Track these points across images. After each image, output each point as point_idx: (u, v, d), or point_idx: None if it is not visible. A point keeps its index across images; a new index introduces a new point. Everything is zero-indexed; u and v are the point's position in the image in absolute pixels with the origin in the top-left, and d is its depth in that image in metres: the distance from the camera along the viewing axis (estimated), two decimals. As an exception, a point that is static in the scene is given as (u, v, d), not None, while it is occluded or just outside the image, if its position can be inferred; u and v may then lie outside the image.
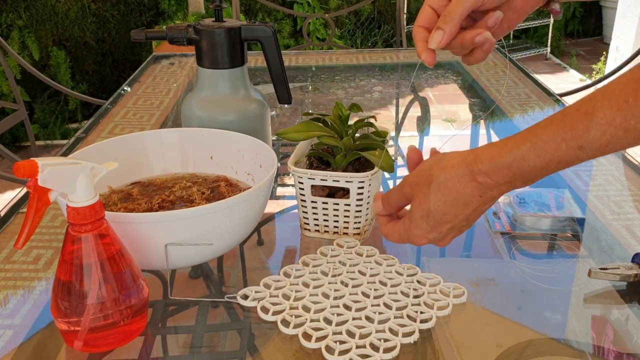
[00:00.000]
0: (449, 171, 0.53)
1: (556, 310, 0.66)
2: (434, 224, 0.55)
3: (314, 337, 0.61)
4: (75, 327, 0.58)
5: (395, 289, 0.69)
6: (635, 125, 0.43)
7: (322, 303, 0.66)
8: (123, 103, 1.32)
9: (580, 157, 0.46)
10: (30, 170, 0.52)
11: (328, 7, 3.98)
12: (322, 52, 1.81)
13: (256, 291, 0.68)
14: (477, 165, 0.51)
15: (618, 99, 0.43)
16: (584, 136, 0.45)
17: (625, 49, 3.66)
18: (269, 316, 0.64)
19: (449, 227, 0.55)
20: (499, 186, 0.51)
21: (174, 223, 0.64)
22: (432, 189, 0.54)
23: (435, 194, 0.54)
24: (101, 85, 3.63)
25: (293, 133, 0.80)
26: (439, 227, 0.55)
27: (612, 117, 0.43)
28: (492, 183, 0.51)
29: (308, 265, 0.73)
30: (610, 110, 0.43)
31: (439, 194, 0.53)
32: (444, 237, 0.57)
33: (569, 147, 0.46)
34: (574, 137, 0.45)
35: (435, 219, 0.54)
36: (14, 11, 3.31)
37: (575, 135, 0.45)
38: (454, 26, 0.54)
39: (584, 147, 0.45)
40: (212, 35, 0.87)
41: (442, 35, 0.54)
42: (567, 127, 0.45)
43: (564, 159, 0.47)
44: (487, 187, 0.51)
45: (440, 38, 0.54)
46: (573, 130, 0.45)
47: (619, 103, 0.43)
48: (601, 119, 0.44)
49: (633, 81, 0.43)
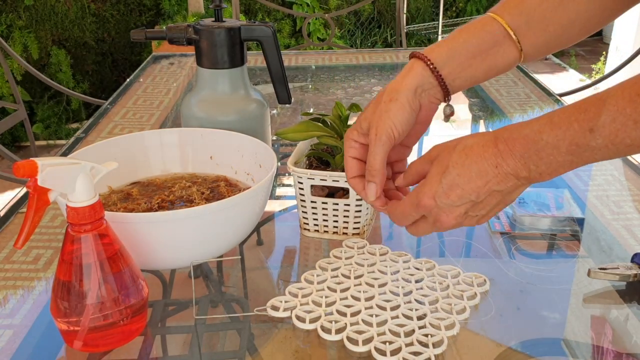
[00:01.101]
0: (478, 137, 0.54)
1: (555, 310, 0.66)
2: (446, 183, 0.54)
3: (360, 340, 0.61)
4: (74, 327, 0.58)
5: (421, 284, 0.70)
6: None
7: (355, 306, 0.66)
8: (123, 103, 1.32)
9: (591, 144, 0.47)
10: (30, 170, 0.52)
11: (328, 7, 3.98)
12: (322, 52, 1.81)
13: (285, 301, 0.67)
14: (502, 132, 0.52)
15: (631, 92, 0.45)
16: (594, 119, 0.46)
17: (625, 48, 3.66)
18: (306, 325, 0.64)
19: (458, 193, 0.53)
20: (514, 158, 0.51)
21: (174, 223, 0.64)
22: (457, 149, 0.54)
23: (458, 152, 0.54)
24: (101, 85, 3.63)
25: (293, 133, 0.80)
26: (450, 190, 0.54)
27: (624, 107, 0.45)
28: (509, 151, 0.51)
29: (326, 269, 0.73)
30: (622, 100, 0.45)
31: (461, 154, 0.54)
32: (449, 207, 0.54)
33: (580, 127, 0.47)
34: (586, 119, 0.47)
35: (449, 178, 0.54)
36: (14, 11, 3.31)
37: (588, 117, 0.47)
38: (381, 176, 0.60)
39: (594, 131, 0.47)
40: (211, 35, 0.87)
41: (375, 187, 0.60)
42: (582, 108, 0.48)
43: (575, 141, 0.48)
44: (503, 156, 0.51)
45: (374, 190, 0.60)
46: (586, 112, 0.47)
47: (631, 95, 0.45)
48: (613, 106, 0.46)
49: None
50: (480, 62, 0.60)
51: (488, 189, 0.53)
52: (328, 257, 0.75)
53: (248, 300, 0.70)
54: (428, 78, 0.60)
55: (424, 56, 0.60)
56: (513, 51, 0.60)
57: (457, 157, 0.54)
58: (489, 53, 0.59)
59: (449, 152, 0.55)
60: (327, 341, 0.62)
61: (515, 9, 0.59)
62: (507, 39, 0.59)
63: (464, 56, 0.59)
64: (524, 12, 0.58)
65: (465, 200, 0.54)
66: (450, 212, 0.55)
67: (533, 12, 0.59)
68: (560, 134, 0.48)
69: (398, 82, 0.60)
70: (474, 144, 0.53)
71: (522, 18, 0.58)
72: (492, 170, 0.52)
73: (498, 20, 0.59)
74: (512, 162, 0.51)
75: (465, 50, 0.59)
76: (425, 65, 0.59)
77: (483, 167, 0.52)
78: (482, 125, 1.23)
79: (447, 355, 0.60)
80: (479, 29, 0.60)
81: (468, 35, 0.59)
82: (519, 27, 0.59)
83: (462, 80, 0.61)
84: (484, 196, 0.54)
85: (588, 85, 1.99)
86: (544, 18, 0.59)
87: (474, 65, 0.60)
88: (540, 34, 0.59)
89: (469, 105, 1.34)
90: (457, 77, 0.60)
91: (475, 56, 0.59)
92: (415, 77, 0.59)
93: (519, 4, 0.59)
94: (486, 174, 0.52)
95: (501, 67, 0.61)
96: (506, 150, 0.51)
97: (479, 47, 0.59)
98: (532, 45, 0.60)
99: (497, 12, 0.59)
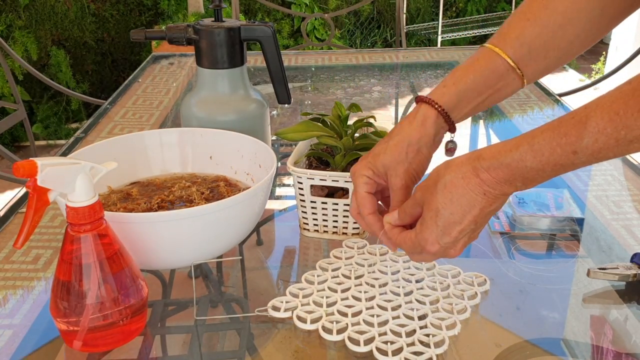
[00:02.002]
0: (454, 169, 0.54)
1: (555, 310, 0.66)
2: (443, 225, 0.55)
3: (361, 340, 0.61)
4: (74, 327, 0.58)
5: (421, 284, 0.70)
6: (626, 136, 0.45)
7: (356, 306, 0.66)
8: (122, 103, 1.32)
9: (575, 162, 0.48)
10: (30, 170, 0.52)
11: (327, 7, 3.98)
12: (322, 52, 1.81)
13: (286, 301, 0.67)
14: (479, 161, 0.52)
15: (610, 111, 0.45)
16: (577, 142, 0.47)
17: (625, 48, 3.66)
18: (308, 325, 0.64)
19: (458, 230, 0.55)
20: (500, 184, 0.52)
21: (173, 223, 0.64)
22: (438, 187, 0.55)
23: (442, 192, 0.54)
24: (100, 85, 3.63)
25: (292, 133, 0.80)
26: (449, 230, 0.55)
27: (604, 127, 0.46)
28: (493, 180, 0.52)
29: (327, 270, 0.73)
30: (602, 121, 0.46)
31: (445, 192, 0.54)
32: (454, 242, 0.56)
33: (563, 151, 0.48)
34: (568, 143, 0.47)
35: (444, 220, 0.54)
36: (14, 11, 3.31)
37: (569, 141, 0.47)
38: None
39: (578, 153, 0.47)
40: (211, 35, 0.87)
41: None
42: (562, 132, 0.48)
43: (559, 163, 0.49)
44: (489, 184, 0.52)
45: None
46: (567, 136, 0.47)
47: (610, 114, 0.45)
48: (593, 128, 0.46)
49: (624, 94, 0.45)
50: (485, 98, 0.62)
51: (483, 213, 0.54)
52: (328, 258, 0.75)
53: (248, 300, 0.70)
54: (441, 124, 0.62)
55: (434, 103, 0.61)
56: (517, 81, 0.62)
57: (442, 198, 0.54)
58: (494, 88, 0.61)
59: (432, 193, 0.55)
60: (327, 341, 0.62)
61: (517, 41, 0.60)
62: (511, 72, 0.61)
63: (472, 96, 0.62)
64: (525, 43, 0.59)
65: (467, 231, 0.56)
66: (456, 246, 0.57)
67: (534, 41, 0.60)
68: (544, 160, 0.49)
69: (416, 131, 0.62)
70: (453, 179, 0.54)
71: (524, 49, 0.60)
72: (482, 198, 0.53)
73: (501, 55, 0.60)
74: (498, 186, 0.52)
75: (473, 90, 0.61)
76: (438, 113, 0.61)
77: (472, 197, 0.53)
78: (481, 125, 1.23)
79: (448, 354, 0.60)
80: (484, 66, 0.61)
81: (475, 75, 0.61)
82: (522, 58, 0.60)
83: (466, 114, 0.63)
84: (481, 220, 0.55)
85: (587, 85, 1.99)
86: (544, 45, 0.60)
87: (480, 101, 0.62)
88: (541, 61, 0.61)
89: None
90: (464, 114, 0.63)
91: (482, 93, 0.62)
92: (432, 126, 0.62)
93: (519, 35, 0.60)
94: (477, 203, 0.53)
95: (504, 97, 0.63)
96: (490, 179, 0.52)
97: (485, 84, 0.61)
98: (534, 72, 0.61)
99: (499, 45, 0.60)
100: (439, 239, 0.56)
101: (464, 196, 0.53)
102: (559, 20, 0.59)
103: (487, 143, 1.15)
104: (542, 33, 0.59)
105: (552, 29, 0.59)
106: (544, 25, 0.59)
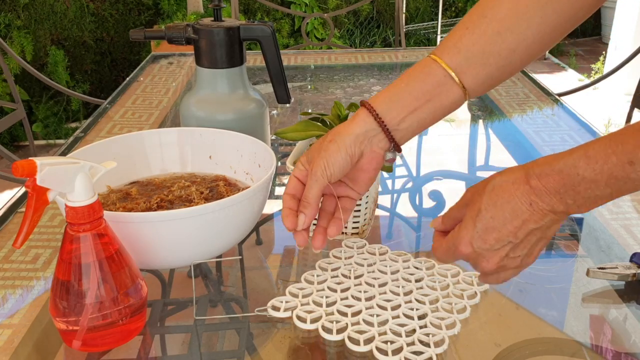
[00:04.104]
0: (508, 173, 0.53)
1: (554, 310, 0.67)
2: (481, 227, 0.53)
3: (361, 340, 0.61)
4: (73, 327, 0.58)
5: (421, 284, 0.70)
6: None
7: (356, 306, 0.66)
8: (122, 102, 1.32)
9: (631, 176, 0.45)
10: (29, 170, 0.52)
11: (327, 7, 3.98)
12: (321, 51, 1.81)
13: (286, 301, 0.67)
14: (532, 167, 0.51)
15: None
16: (634, 151, 0.44)
17: (624, 48, 3.66)
18: (307, 325, 0.64)
19: (494, 237, 0.52)
20: (549, 195, 0.50)
21: (173, 223, 0.64)
22: (487, 190, 0.53)
23: (489, 194, 0.53)
24: (100, 85, 3.63)
25: (292, 133, 0.80)
26: (485, 235, 0.53)
27: None
28: (543, 188, 0.50)
29: (326, 269, 0.73)
30: None
31: (492, 194, 0.52)
32: (488, 251, 0.53)
33: (619, 160, 0.45)
34: (624, 151, 0.45)
35: (484, 222, 0.53)
36: (13, 10, 3.31)
37: (626, 149, 0.45)
38: (313, 210, 0.61)
39: (634, 163, 0.45)
40: (210, 35, 0.87)
41: (304, 218, 0.61)
42: (619, 140, 0.46)
43: (614, 174, 0.46)
44: (537, 194, 0.50)
45: (303, 220, 0.61)
46: (624, 144, 0.45)
47: None
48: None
49: None
50: (424, 105, 0.59)
51: (525, 228, 0.51)
52: (328, 257, 0.75)
53: (247, 300, 0.70)
54: (371, 124, 0.60)
55: (367, 104, 0.60)
56: (456, 90, 0.59)
57: (488, 199, 0.52)
58: (432, 94, 0.59)
59: (480, 194, 0.54)
60: (327, 341, 0.62)
61: (454, 48, 0.58)
62: (448, 79, 0.59)
63: (407, 100, 0.59)
64: (462, 49, 0.58)
65: (504, 243, 0.53)
66: (490, 257, 0.54)
67: (471, 47, 0.58)
68: (598, 168, 0.46)
69: (343, 126, 0.61)
70: (503, 182, 0.52)
71: (461, 56, 0.58)
72: (527, 208, 0.51)
73: (438, 61, 0.59)
74: (547, 198, 0.50)
75: (407, 94, 0.59)
76: (368, 112, 0.60)
77: (517, 206, 0.51)
78: (480, 125, 1.23)
79: (448, 354, 0.60)
80: (419, 71, 0.59)
81: (409, 79, 0.60)
82: (459, 65, 0.58)
83: (407, 124, 0.60)
84: (522, 236, 0.52)
85: (587, 85, 1.99)
86: (482, 52, 0.58)
87: (419, 109, 0.59)
88: (480, 68, 0.59)
89: (468, 105, 1.35)
90: (401, 121, 0.60)
91: (419, 99, 0.59)
92: (358, 124, 0.60)
93: (456, 42, 0.58)
94: (521, 214, 0.51)
95: (447, 108, 0.60)
96: (539, 187, 0.50)
97: (421, 90, 0.59)
98: (474, 80, 0.59)
99: (437, 53, 0.59)
100: (473, 241, 0.53)
101: (509, 202, 0.51)
102: (496, 28, 0.58)
103: (486, 143, 1.15)
104: (480, 40, 0.58)
105: (489, 36, 0.58)
106: (482, 32, 0.58)
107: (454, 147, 1.12)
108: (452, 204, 0.58)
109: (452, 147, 1.11)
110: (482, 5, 0.59)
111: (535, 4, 0.57)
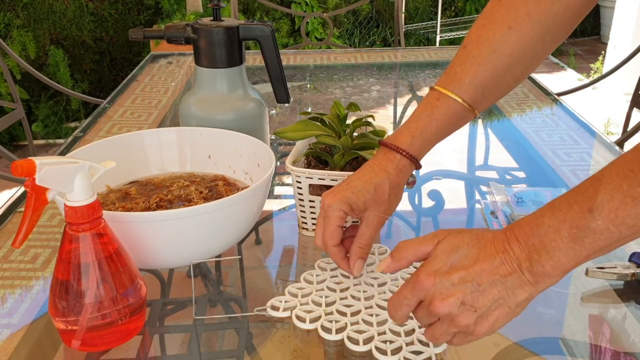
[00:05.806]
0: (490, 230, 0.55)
1: (553, 309, 0.67)
2: (451, 262, 0.52)
3: (361, 340, 0.61)
4: (73, 326, 0.58)
5: None
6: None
7: (355, 306, 0.66)
8: (121, 102, 1.32)
9: (591, 225, 0.46)
10: (28, 170, 0.52)
11: (326, 7, 3.98)
12: (321, 51, 1.81)
13: (285, 301, 0.67)
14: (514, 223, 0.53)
15: (624, 168, 0.46)
16: (592, 198, 0.46)
17: (624, 48, 3.66)
18: (307, 324, 0.64)
19: (460, 274, 0.51)
20: (519, 244, 0.50)
21: (172, 222, 0.64)
22: (472, 231, 0.54)
23: (470, 234, 0.53)
24: (99, 85, 3.62)
25: (291, 132, 0.80)
26: (452, 270, 0.52)
27: (619, 184, 0.45)
28: (514, 237, 0.51)
29: (325, 269, 0.73)
30: (617, 177, 0.46)
31: (473, 236, 0.53)
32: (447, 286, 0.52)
33: (580, 208, 0.47)
34: (584, 199, 0.47)
35: (456, 257, 0.52)
36: (12, 10, 3.31)
37: (585, 197, 0.47)
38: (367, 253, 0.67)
39: (593, 211, 0.46)
40: (210, 35, 0.87)
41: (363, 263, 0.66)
42: (580, 190, 0.48)
43: (575, 222, 0.47)
44: (509, 242, 0.51)
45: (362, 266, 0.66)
46: (584, 193, 0.47)
47: (625, 171, 0.45)
48: (609, 184, 0.46)
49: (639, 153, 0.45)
50: (444, 136, 0.68)
51: (492, 275, 0.51)
52: (327, 257, 0.75)
53: (247, 299, 0.70)
54: (411, 168, 0.68)
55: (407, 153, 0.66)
56: (471, 117, 0.68)
57: (469, 239, 0.53)
58: (453, 127, 0.68)
59: (460, 232, 0.54)
60: (326, 340, 0.62)
61: (471, 86, 0.65)
62: (467, 112, 0.66)
63: (436, 141, 0.68)
64: (479, 86, 0.65)
65: (466, 282, 0.51)
66: (445, 296, 0.52)
67: (486, 84, 0.66)
68: (561, 216, 0.48)
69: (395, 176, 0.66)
70: (486, 232, 0.53)
71: (479, 92, 0.66)
72: (500, 255, 0.51)
73: (459, 101, 0.65)
74: (516, 248, 0.50)
75: (437, 137, 0.67)
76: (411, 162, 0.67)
77: (491, 251, 0.52)
78: (480, 125, 1.23)
79: (447, 354, 0.60)
80: (444, 113, 0.66)
81: (438, 123, 0.66)
82: (476, 99, 0.66)
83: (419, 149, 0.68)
84: (486, 283, 0.51)
85: (586, 85, 1.99)
86: (495, 85, 0.66)
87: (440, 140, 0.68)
88: (492, 97, 0.68)
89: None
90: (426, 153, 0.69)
91: (444, 136, 0.68)
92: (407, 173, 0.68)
93: (472, 79, 0.65)
94: (493, 258, 0.51)
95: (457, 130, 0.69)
96: (512, 237, 0.51)
97: (446, 129, 0.67)
98: (485, 106, 0.68)
99: (455, 91, 0.65)
100: (438, 273, 0.52)
101: (485, 246, 0.52)
102: (507, 62, 0.65)
103: (486, 142, 1.16)
104: (493, 75, 0.65)
105: (501, 70, 0.65)
106: (494, 67, 0.65)
107: (453, 146, 1.12)
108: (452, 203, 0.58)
109: (451, 147, 1.11)
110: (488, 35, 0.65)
111: (536, 35, 0.64)
